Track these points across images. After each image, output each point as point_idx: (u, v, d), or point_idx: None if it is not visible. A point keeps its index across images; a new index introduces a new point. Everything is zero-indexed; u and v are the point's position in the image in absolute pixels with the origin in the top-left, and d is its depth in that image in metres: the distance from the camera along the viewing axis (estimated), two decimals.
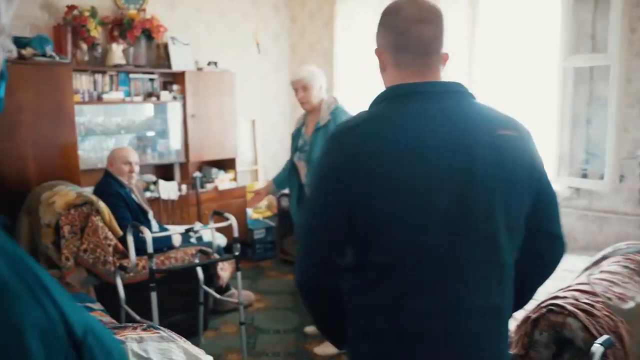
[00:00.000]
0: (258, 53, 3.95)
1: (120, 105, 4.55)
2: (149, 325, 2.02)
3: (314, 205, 1.28)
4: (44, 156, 3.74)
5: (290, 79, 3.44)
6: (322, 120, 3.33)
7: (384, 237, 1.18)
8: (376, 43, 1.33)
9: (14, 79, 3.53)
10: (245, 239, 5.22)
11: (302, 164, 3.45)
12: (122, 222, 3.27)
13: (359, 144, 1.19)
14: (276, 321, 3.91)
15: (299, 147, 3.49)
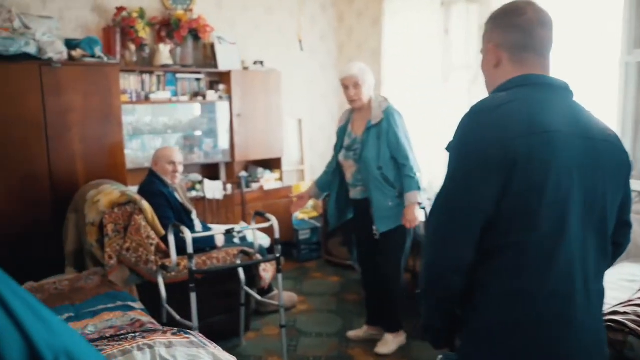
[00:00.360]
0: (301, 50, 3.88)
1: (167, 105, 4.59)
2: (179, 330, 1.99)
3: (456, 186, 1.30)
4: (92, 155, 3.80)
5: (341, 76, 3.36)
6: (375, 119, 3.25)
7: (532, 216, 1.22)
8: (488, 40, 1.43)
9: (64, 79, 3.62)
10: (291, 240, 5.18)
11: (350, 163, 3.36)
12: (164, 222, 3.27)
13: (505, 125, 1.25)
14: (319, 324, 3.83)
15: (346, 145, 3.40)
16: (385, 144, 3.23)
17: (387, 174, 3.24)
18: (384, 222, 3.28)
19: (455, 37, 4.46)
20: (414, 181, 3.23)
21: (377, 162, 3.23)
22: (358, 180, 3.36)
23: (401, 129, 3.26)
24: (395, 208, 3.27)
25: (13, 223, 3.54)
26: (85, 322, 2.62)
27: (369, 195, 3.29)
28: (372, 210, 3.29)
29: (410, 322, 3.67)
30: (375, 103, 3.30)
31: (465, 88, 4.36)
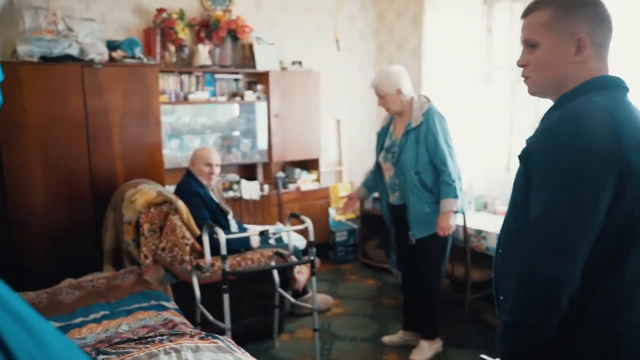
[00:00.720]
0: (337, 51, 3.83)
1: (205, 105, 4.62)
2: (207, 334, 1.96)
3: (569, 198, 1.19)
4: (131, 155, 3.85)
5: (374, 88, 3.30)
6: (414, 121, 3.16)
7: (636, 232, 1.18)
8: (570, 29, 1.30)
9: (104, 80, 3.67)
10: (327, 241, 5.14)
11: (389, 165, 3.29)
12: (200, 222, 3.28)
13: (619, 134, 1.18)
14: (353, 328, 3.77)
15: (386, 147, 3.33)
16: (424, 148, 3.13)
17: (425, 179, 3.15)
18: (420, 227, 3.19)
19: (498, 35, 4.32)
20: (451, 188, 3.12)
21: (415, 167, 3.14)
22: (395, 183, 3.28)
23: (440, 133, 3.15)
24: (432, 214, 3.17)
25: (54, 221, 3.61)
26: (119, 321, 2.64)
27: (405, 200, 3.21)
28: (408, 215, 3.21)
29: (448, 329, 3.58)
30: (417, 105, 3.21)
31: (508, 88, 4.22)
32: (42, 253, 3.59)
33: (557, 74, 1.33)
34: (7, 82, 3.39)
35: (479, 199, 4.12)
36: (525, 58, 1.38)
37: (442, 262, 3.30)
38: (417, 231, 3.20)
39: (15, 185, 3.48)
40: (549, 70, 1.33)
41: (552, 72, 1.33)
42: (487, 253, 3.50)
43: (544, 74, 1.35)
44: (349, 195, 3.66)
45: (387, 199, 3.40)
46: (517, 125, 4.14)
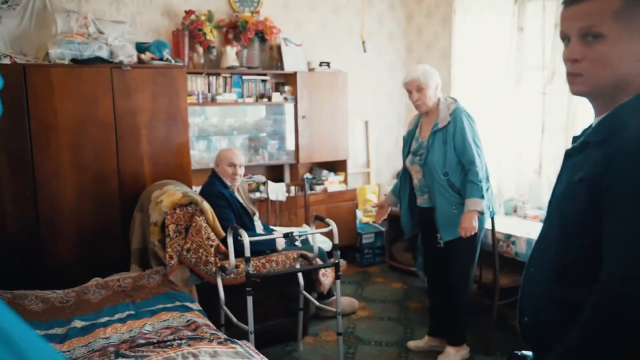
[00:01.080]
0: (364, 52, 3.79)
1: (233, 106, 4.64)
2: (226, 339, 1.96)
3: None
4: (158, 156, 3.89)
5: (403, 80, 3.24)
6: (442, 122, 3.10)
7: None
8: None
9: (133, 82, 3.72)
10: (354, 244, 5.11)
11: (417, 168, 3.24)
12: (224, 223, 3.28)
13: None
14: (378, 332, 3.73)
15: (413, 150, 3.28)
16: (452, 148, 3.08)
17: (453, 180, 3.09)
18: (449, 230, 3.12)
19: (530, 35, 4.22)
20: (477, 187, 3.05)
21: (443, 168, 3.08)
22: (424, 186, 3.22)
23: (469, 131, 3.09)
24: (460, 216, 3.10)
25: (83, 221, 3.67)
26: (144, 321, 2.66)
27: (433, 202, 3.15)
28: (436, 218, 3.15)
29: (475, 335, 3.51)
30: (444, 105, 3.16)
31: (540, 89, 4.11)
32: (71, 252, 3.65)
33: (618, 74, 1.15)
34: (39, 85, 3.47)
35: (509, 202, 4.03)
36: (580, 51, 1.17)
37: (470, 266, 3.23)
38: (445, 233, 3.13)
39: (46, 186, 3.55)
40: (611, 69, 1.15)
41: (614, 70, 1.15)
42: (517, 258, 3.42)
43: (603, 72, 1.16)
44: (380, 203, 3.61)
45: (408, 202, 3.36)
46: (548, 126, 4.04)
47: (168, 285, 3.09)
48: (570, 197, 1.23)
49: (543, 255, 1.32)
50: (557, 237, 1.26)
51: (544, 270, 1.30)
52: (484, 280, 3.44)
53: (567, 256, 1.24)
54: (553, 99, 4.00)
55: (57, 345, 2.45)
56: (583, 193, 1.17)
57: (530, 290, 1.35)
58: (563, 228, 1.25)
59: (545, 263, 1.30)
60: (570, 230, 1.22)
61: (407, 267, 4.77)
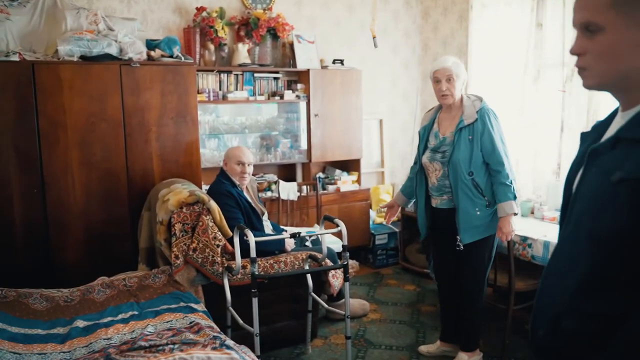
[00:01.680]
0: (375, 47, 3.70)
1: (245, 104, 4.58)
2: (222, 344, 1.89)
3: None
4: (168, 154, 3.85)
5: (433, 68, 3.08)
6: (468, 118, 2.97)
7: None
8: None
9: (142, 79, 3.68)
10: (367, 244, 5.02)
11: (436, 166, 3.08)
12: (231, 223, 3.22)
13: None
14: (390, 335, 3.64)
15: (432, 147, 3.12)
16: (479, 148, 2.95)
17: (478, 180, 2.97)
18: (470, 232, 2.99)
19: (550, 31, 4.09)
20: (509, 189, 2.94)
21: (469, 167, 2.95)
22: (444, 185, 3.07)
23: (497, 132, 2.97)
24: (483, 218, 2.98)
25: (91, 219, 3.64)
26: (147, 322, 2.61)
27: (456, 202, 3.01)
28: (458, 219, 3.01)
29: (489, 341, 3.40)
30: (468, 102, 3.03)
31: (559, 87, 3.98)
32: (79, 251, 3.63)
33: (628, 66, 1.07)
34: (48, 82, 3.44)
35: (526, 203, 3.90)
36: (582, 45, 1.11)
37: (486, 270, 3.12)
38: (466, 236, 3.00)
39: (54, 183, 3.53)
40: (615, 61, 1.08)
41: (620, 62, 1.07)
42: (533, 262, 3.30)
43: (606, 65, 1.09)
44: (389, 204, 3.52)
45: (425, 203, 3.23)
46: (568, 125, 3.90)
47: (173, 286, 3.04)
48: (607, 200, 1.08)
49: (565, 264, 1.18)
50: (586, 246, 1.12)
51: (567, 280, 1.16)
52: (499, 284, 3.33)
53: (600, 267, 1.09)
54: (573, 97, 3.87)
55: (57, 346, 2.41)
56: (624, 196, 1.03)
57: (548, 301, 1.22)
58: (596, 236, 1.10)
59: (569, 273, 1.16)
60: (606, 238, 1.08)
61: (420, 269, 4.66)
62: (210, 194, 3.37)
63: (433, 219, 3.22)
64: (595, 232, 1.10)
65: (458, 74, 3.01)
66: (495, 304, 3.44)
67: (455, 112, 3.06)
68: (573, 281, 1.15)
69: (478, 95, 3.12)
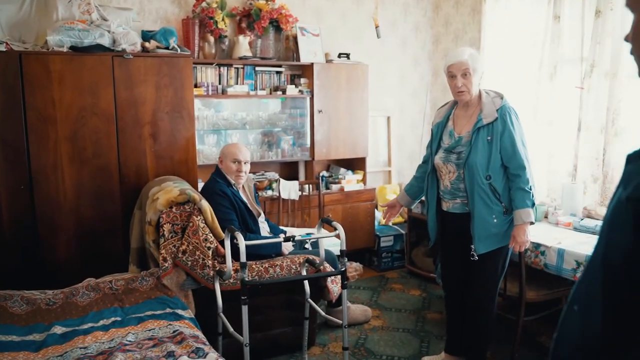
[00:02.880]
0: (377, 38, 3.51)
1: (245, 99, 4.40)
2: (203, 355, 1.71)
3: None
4: (162, 150, 3.68)
5: (447, 62, 2.83)
6: (487, 117, 2.72)
7: None
8: None
9: (136, 71, 3.51)
10: (372, 247, 4.82)
11: (451, 168, 2.83)
12: (224, 224, 3.04)
13: None
14: (392, 344, 3.44)
15: (447, 147, 2.87)
16: (497, 150, 2.70)
17: (496, 185, 2.72)
18: (486, 242, 2.75)
19: (567, 24, 3.85)
20: (528, 196, 2.70)
21: (487, 170, 2.70)
22: (458, 189, 2.82)
23: (518, 133, 2.73)
24: (499, 226, 2.74)
25: (82, 217, 3.49)
26: (128, 330, 2.45)
27: (471, 208, 2.76)
28: (473, 227, 2.76)
29: (497, 353, 3.20)
30: (488, 99, 2.78)
31: (577, 83, 3.74)
32: (69, 249, 3.48)
33: None
34: (36, 74, 3.29)
35: (539, 207, 3.67)
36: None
37: (498, 281, 2.89)
38: (481, 246, 2.75)
39: (42, 179, 3.38)
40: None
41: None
42: (546, 270, 3.08)
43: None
44: (390, 203, 3.29)
45: (436, 206, 2.98)
46: (585, 124, 3.67)
47: (161, 290, 2.87)
48: (617, 219, 0.92)
49: (589, 290, 1.01)
50: (600, 270, 0.96)
51: (591, 310, 0.99)
52: (509, 293, 3.12)
53: (614, 296, 0.93)
54: (592, 94, 3.63)
55: (30, 355, 2.25)
56: (629, 216, 0.88)
57: (571, 332, 1.04)
58: (607, 260, 0.94)
59: (592, 300, 0.99)
60: (616, 263, 0.91)
61: (427, 273, 4.46)
62: (204, 193, 3.19)
63: (443, 224, 2.99)
64: (607, 257, 0.94)
65: (475, 68, 2.75)
66: (505, 314, 3.22)
67: (473, 109, 2.82)
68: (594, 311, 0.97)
69: (498, 92, 2.86)
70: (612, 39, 3.49)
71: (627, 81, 3.47)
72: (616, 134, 3.51)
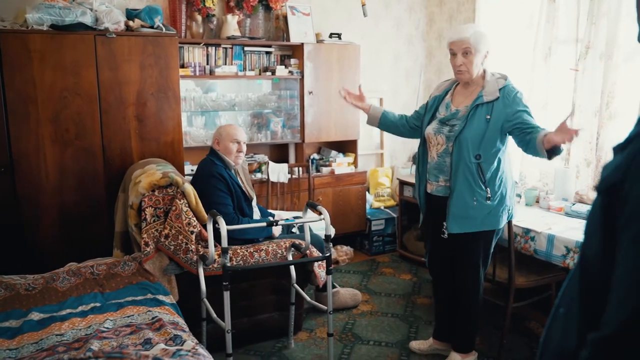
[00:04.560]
0: (364, 17, 3.41)
1: (234, 80, 4.31)
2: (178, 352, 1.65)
3: None
4: (147, 132, 3.61)
5: (449, 39, 2.70)
6: (488, 95, 2.63)
7: None
8: None
9: (119, 51, 3.42)
10: (362, 230, 4.77)
11: (440, 140, 2.72)
12: (219, 208, 2.97)
13: None
14: (380, 330, 3.41)
15: (441, 118, 2.76)
16: (496, 130, 2.60)
17: (484, 168, 2.62)
18: (460, 222, 2.68)
19: (563, 4, 3.75)
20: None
21: (478, 149, 2.60)
22: (443, 163, 2.72)
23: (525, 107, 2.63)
24: (478, 210, 2.65)
25: (65, 200, 3.43)
26: (106, 316, 2.41)
27: (452, 185, 2.67)
28: (449, 203, 2.68)
29: (485, 339, 3.17)
30: (492, 79, 2.69)
31: (572, 65, 3.66)
32: (52, 233, 3.42)
33: None
34: (16, 53, 3.20)
35: (531, 191, 3.61)
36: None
37: (484, 266, 2.82)
38: (454, 225, 2.69)
39: (24, 162, 3.31)
40: None
41: None
42: (536, 256, 3.03)
43: None
44: (360, 98, 3.10)
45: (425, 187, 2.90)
46: (580, 107, 3.59)
47: (143, 275, 2.81)
48: (591, 214, 0.89)
49: (573, 292, 0.96)
50: (578, 268, 0.92)
51: (574, 311, 0.94)
52: (498, 279, 3.07)
53: (589, 295, 0.88)
54: (586, 76, 3.55)
55: (5, 342, 2.20)
56: (599, 210, 0.84)
57: (554, 336, 0.99)
58: (584, 257, 0.90)
59: (575, 301, 0.94)
60: (591, 260, 0.87)
61: (418, 257, 4.41)
62: (199, 175, 3.13)
63: (429, 207, 2.94)
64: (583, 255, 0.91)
65: (478, 48, 2.63)
66: (494, 300, 3.18)
67: (474, 87, 2.72)
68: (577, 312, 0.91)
69: (503, 73, 2.75)
70: (608, 20, 3.39)
71: (623, 64, 3.39)
72: (610, 118, 3.43)
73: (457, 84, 2.84)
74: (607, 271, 0.80)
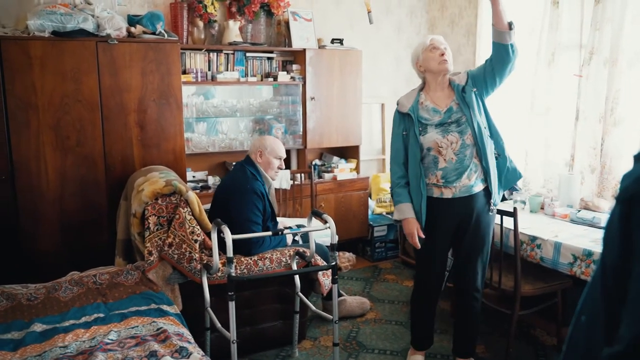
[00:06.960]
0: (370, 24, 3.39)
1: (236, 86, 4.29)
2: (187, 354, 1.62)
3: None
4: (149, 139, 3.58)
5: (429, 37, 2.77)
6: (459, 79, 2.75)
7: None
8: None
9: (121, 57, 3.40)
10: (365, 236, 4.74)
11: (453, 138, 2.65)
12: (251, 226, 2.96)
13: None
14: (384, 338, 3.37)
15: (438, 122, 2.68)
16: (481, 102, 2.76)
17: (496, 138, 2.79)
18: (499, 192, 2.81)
19: (567, 10, 3.74)
20: None
21: (488, 129, 2.75)
22: (464, 158, 2.63)
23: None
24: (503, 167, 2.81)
25: (66, 208, 3.40)
26: (110, 327, 2.37)
27: (485, 164, 2.68)
28: (490, 181, 2.70)
29: (490, 348, 3.14)
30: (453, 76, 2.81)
31: (575, 71, 3.64)
32: (52, 241, 3.39)
33: None
34: (17, 59, 3.18)
35: (535, 198, 3.59)
36: None
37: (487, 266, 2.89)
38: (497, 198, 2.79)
39: (24, 169, 3.28)
40: None
41: None
42: (542, 264, 3.00)
43: None
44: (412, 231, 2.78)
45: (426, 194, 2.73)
46: (583, 113, 3.57)
47: (146, 284, 2.78)
48: (609, 223, 0.87)
49: (595, 299, 0.94)
50: (600, 277, 0.90)
51: (596, 321, 0.92)
52: (504, 287, 3.04)
53: (611, 304, 0.87)
54: (590, 82, 3.53)
55: (7, 354, 2.16)
56: (617, 220, 0.82)
57: (577, 345, 0.97)
58: (605, 265, 0.88)
59: (596, 310, 0.93)
60: (609, 271, 0.86)
61: None
62: (235, 186, 3.06)
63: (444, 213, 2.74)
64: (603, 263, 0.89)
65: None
66: (499, 308, 3.16)
67: (445, 84, 2.76)
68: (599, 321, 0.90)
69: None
70: (612, 25, 3.38)
71: (627, 70, 3.37)
72: (615, 124, 3.42)
73: (422, 92, 2.79)
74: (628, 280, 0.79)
